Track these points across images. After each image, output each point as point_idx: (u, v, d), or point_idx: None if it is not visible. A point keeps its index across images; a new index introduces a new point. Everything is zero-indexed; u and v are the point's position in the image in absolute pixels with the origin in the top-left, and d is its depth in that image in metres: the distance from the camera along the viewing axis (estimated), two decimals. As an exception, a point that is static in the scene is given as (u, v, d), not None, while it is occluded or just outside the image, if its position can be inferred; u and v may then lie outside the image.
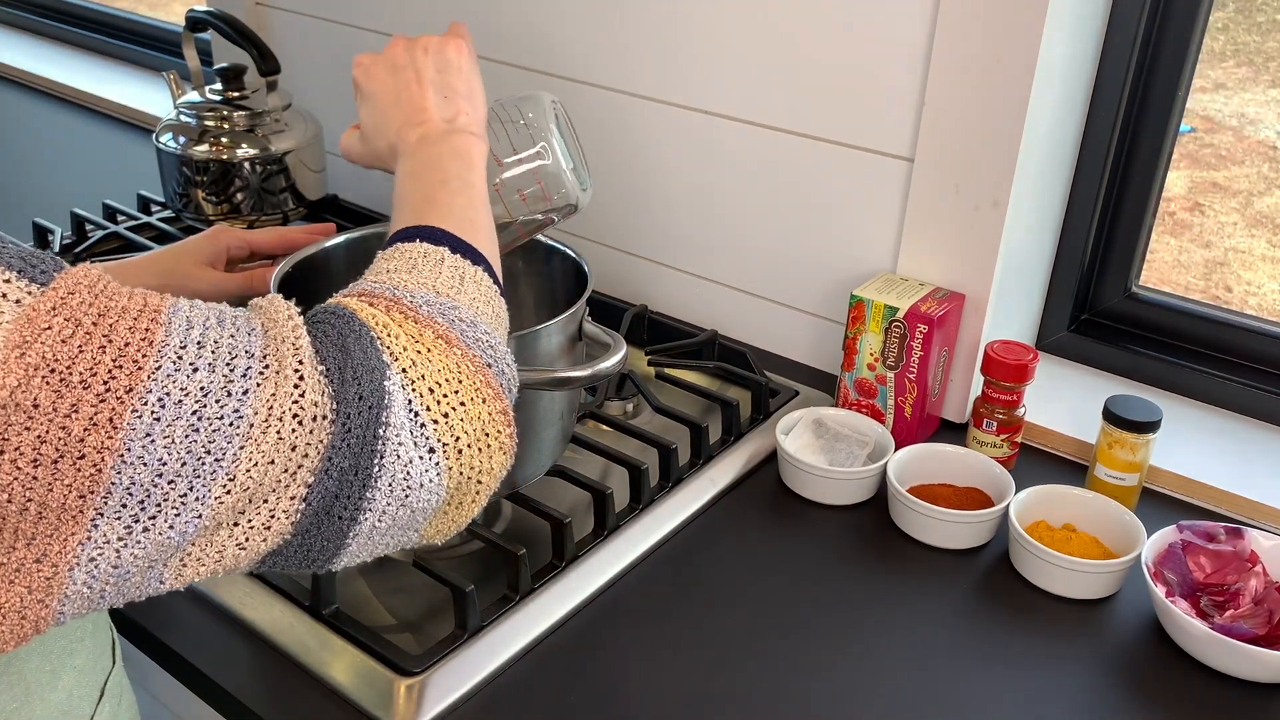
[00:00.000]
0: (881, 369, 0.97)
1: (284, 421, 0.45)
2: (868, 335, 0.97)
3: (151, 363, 0.43)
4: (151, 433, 0.42)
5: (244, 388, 0.44)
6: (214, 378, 0.44)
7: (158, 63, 1.98)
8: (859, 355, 0.98)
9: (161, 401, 0.42)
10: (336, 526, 0.48)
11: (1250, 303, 2.74)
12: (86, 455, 0.41)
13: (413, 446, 0.49)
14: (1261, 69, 3.68)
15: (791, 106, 1.04)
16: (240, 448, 0.44)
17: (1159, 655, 0.78)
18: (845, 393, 1.01)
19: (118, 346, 0.42)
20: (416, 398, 0.49)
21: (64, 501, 0.41)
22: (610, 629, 0.78)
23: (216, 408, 0.44)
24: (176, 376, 0.43)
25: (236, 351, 0.45)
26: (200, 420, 0.43)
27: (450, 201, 0.62)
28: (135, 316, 0.43)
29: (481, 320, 0.55)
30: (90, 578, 0.43)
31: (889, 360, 0.96)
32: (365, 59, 0.73)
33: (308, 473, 0.46)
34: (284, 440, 0.45)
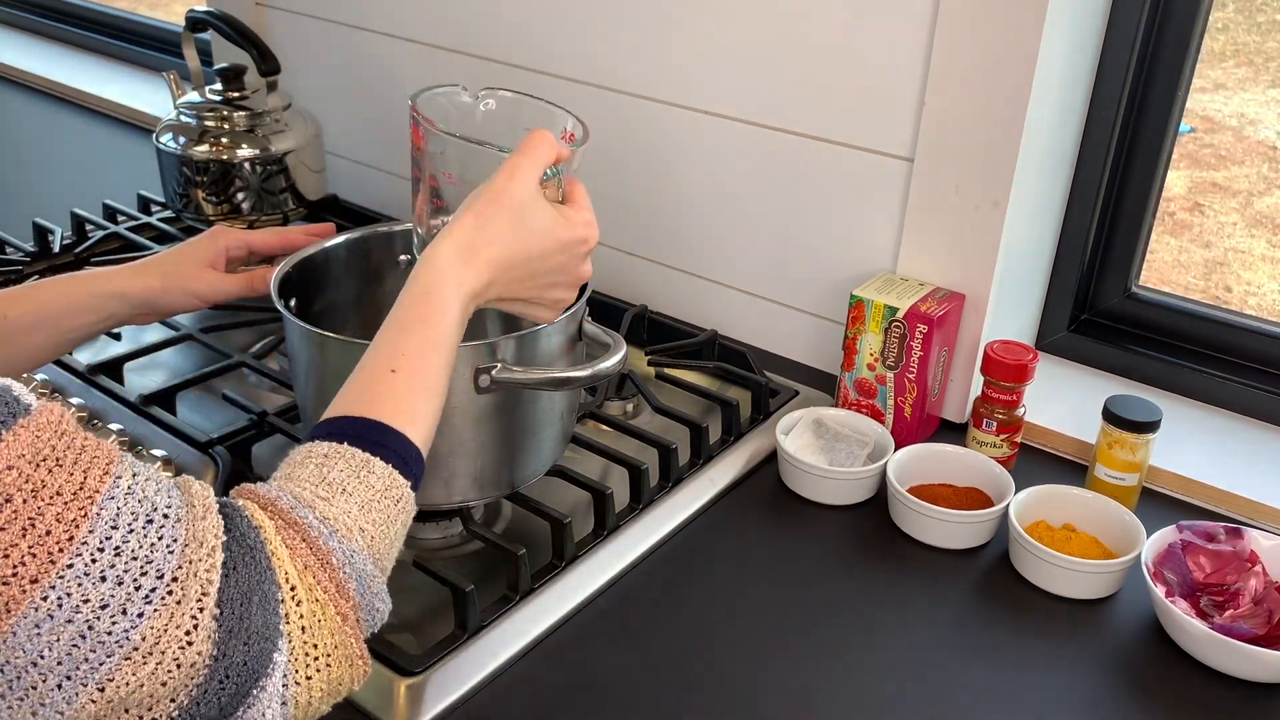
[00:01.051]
0: (881, 369, 0.97)
1: (165, 657, 0.45)
2: (868, 335, 0.97)
3: (65, 560, 0.43)
4: (40, 627, 0.42)
5: (140, 610, 0.44)
6: (117, 592, 0.44)
7: (158, 63, 1.98)
8: (859, 355, 0.98)
9: (60, 601, 0.43)
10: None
11: (1250, 303, 2.74)
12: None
13: (277, 707, 0.50)
14: (1261, 69, 3.67)
15: (791, 106, 1.04)
16: (117, 667, 0.44)
17: (1159, 655, 0.78)
18: (845, 393, 1.01)
19: (39, 533, 0.42)
20: (294, 663, 0.50)
21: None
22: (610, 629, 0.78)
23: (109, 623, 0.44)
24: (83, 581, 0.43)
25: (148, 569, 0.45)
26: (90, 630, 0.43)
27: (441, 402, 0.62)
28: (67, 501, 0.43)
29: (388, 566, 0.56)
30: None
31: (889, 360, 0.96)
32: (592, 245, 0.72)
33: (174, 706, 0.46)
34: (157, 675, 0.45)
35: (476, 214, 0.66)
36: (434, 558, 0.84)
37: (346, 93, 1.43)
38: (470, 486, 0.80)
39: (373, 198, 1.46)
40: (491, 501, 0.89)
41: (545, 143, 0.68)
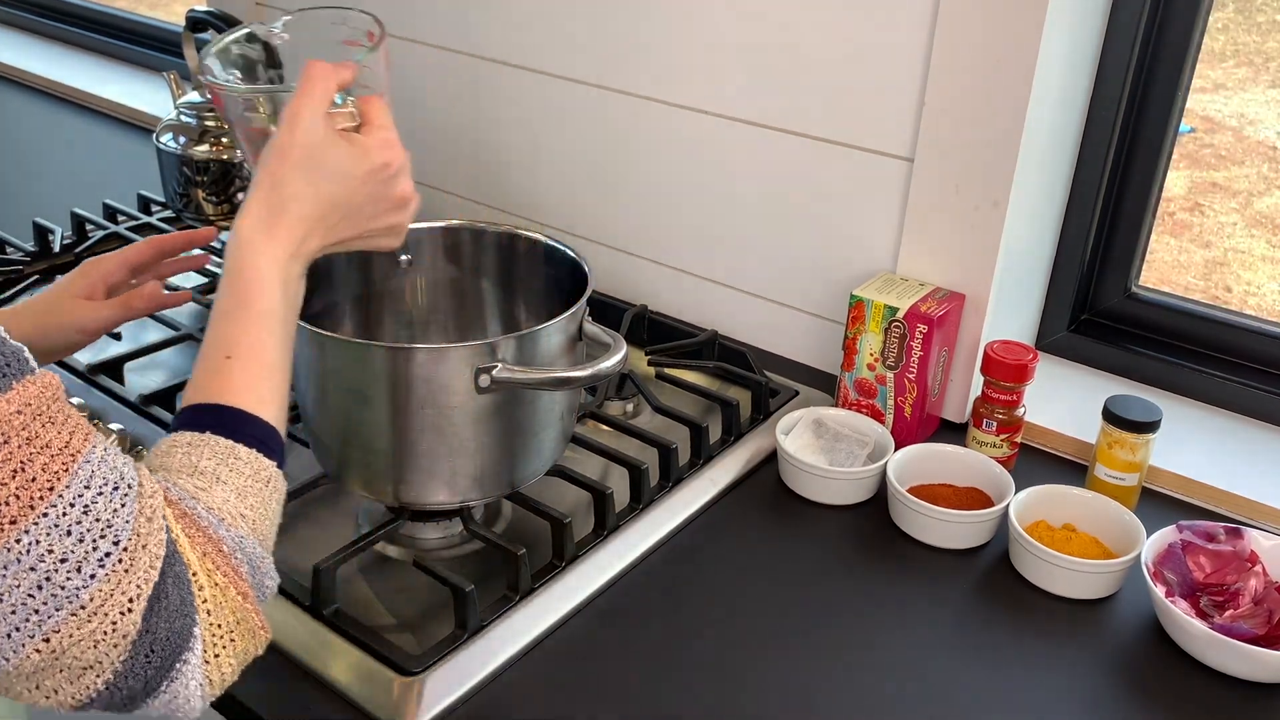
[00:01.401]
0: (881, 369, 0.97)
1: (105, 620, 0.48)
2: (868, 335, 0.97)
3: (42, 508, 0.45)
4: (6, 569, 0.45)
5: (94, 571, 0.47)
6: (78, 550, 0.47)
7: (158, 63, 1.98)
8: (859, 355, 0.98)
9: (28, 549, 0.45)
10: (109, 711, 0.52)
11: (1250, 303, 2.74)
12: None
13: (196, 683, 0.53)
14: (1261, 69, 3.67)
15: (791, 106, 1.04)
16: (64, 620, 0.47)
17: (1159, 655, 0.78)
18: (845, 393, 1.01)
19: (26, 478, 0.45)
20: (208, 640, 0.53)
21: None
22: (610, 629, 0.78)
23: (64, 577, 0.46)
24: (53, 532, 0.46)
25: (108, 533, 0.48)
26: (47, 581, 0.46)
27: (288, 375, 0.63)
28: (54, 455, 0.46)
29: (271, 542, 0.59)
30: None
31: (889, 360, 0.96)
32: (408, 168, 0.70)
33: (100, 680, 0.49)
34: (94, 636, 0.48)
35: (269, 175, 0.63)
36: (434, 558, 0.84)
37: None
38: (470, 486, 0.80)
39: (373, 198, 1.46)
40: (492, 501, 0.89)
41: (320, 76, 0.65)
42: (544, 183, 1.27)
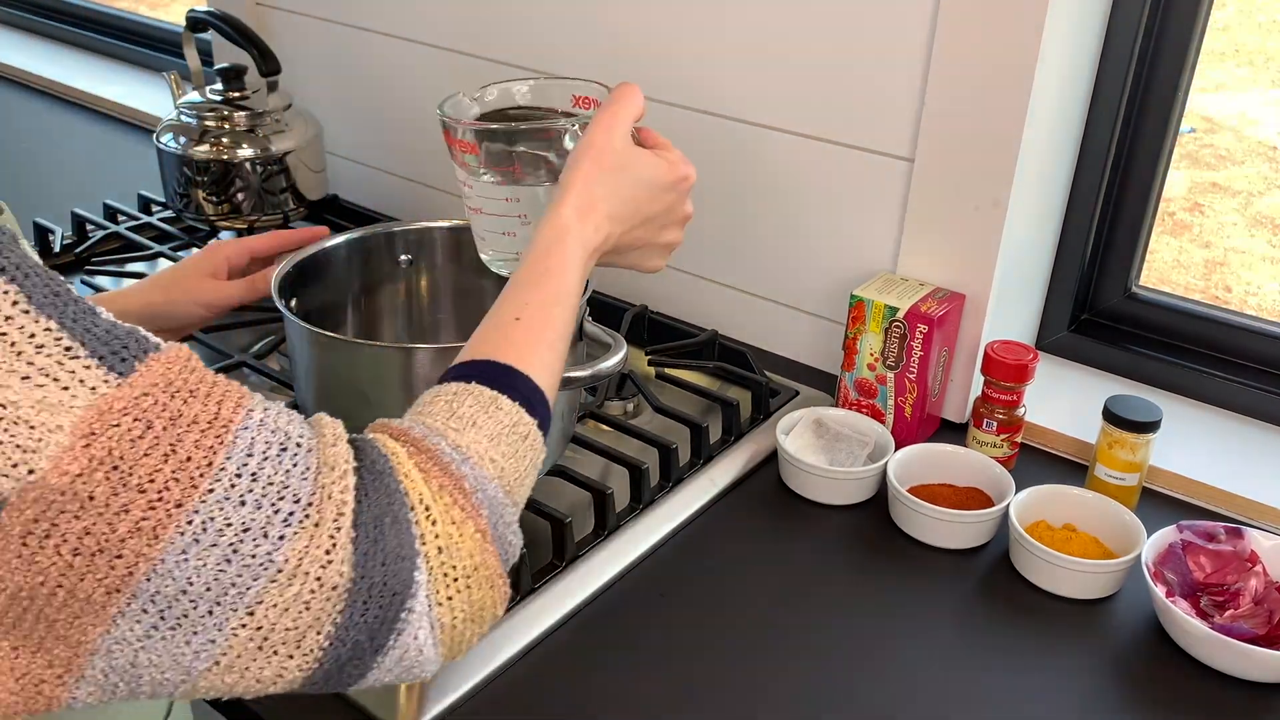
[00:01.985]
0: (881, 369, 0.97)
1: (308, 578, 0.46)
2: (868, 335, 0.97)
3: (206, 484, 0.43)
4: (187, 552, 0.43)
5: (281, 534, 0.45)
6: (258, 516, 0.45)
7: (158, 63, 1.98)
8: (859, 355, 0.98)
9: (204, 525, 0.43)
10: (340, 682, 0.50)
11: (1250, 303, 2.74)
12: (124, 556, 0.42)
13: (425, 630, 0.51)
14: (1262, 69, 3.67)
15: (791, 106, 1.04)
16: (264, 589, 0.45)
17: (1159, 655, 0.78)
18: (845, 393, 1.01)
19: (180, 458, 0.43)
20: (434, 584, 0.51)
21: (90, 594, 0.42)
22: (610, 629, 0.78)
23: (251, 546, 0.44)
24: (225, 505, 0.44)
25: (285, 494, 0.46)
26: (234, 553, 0.44)
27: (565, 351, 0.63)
28: (204, 429, 0.44)
29: (520, 500, 0.57)
30: (108, 667, 0.44)
31: (889, 360, 0.96)
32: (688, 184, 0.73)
33: (323, 637, 0.47)
34: (300, 597, 0.46)
35: (585, 173, 0.66)
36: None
37: (346, 93, 1.43)
38: (470, 486, 0.80)
39: (373, 198, 1.46)
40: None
41: (633, 94, 0.70)
42: (544, 183, 1.27)
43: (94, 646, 0.43)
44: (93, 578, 0.41)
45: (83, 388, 0.41)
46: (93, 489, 0.41)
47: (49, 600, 0.41)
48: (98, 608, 0.42)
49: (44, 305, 0.41)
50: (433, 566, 0.51)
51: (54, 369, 0.40)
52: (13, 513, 0.39)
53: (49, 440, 0.39)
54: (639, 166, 0.69)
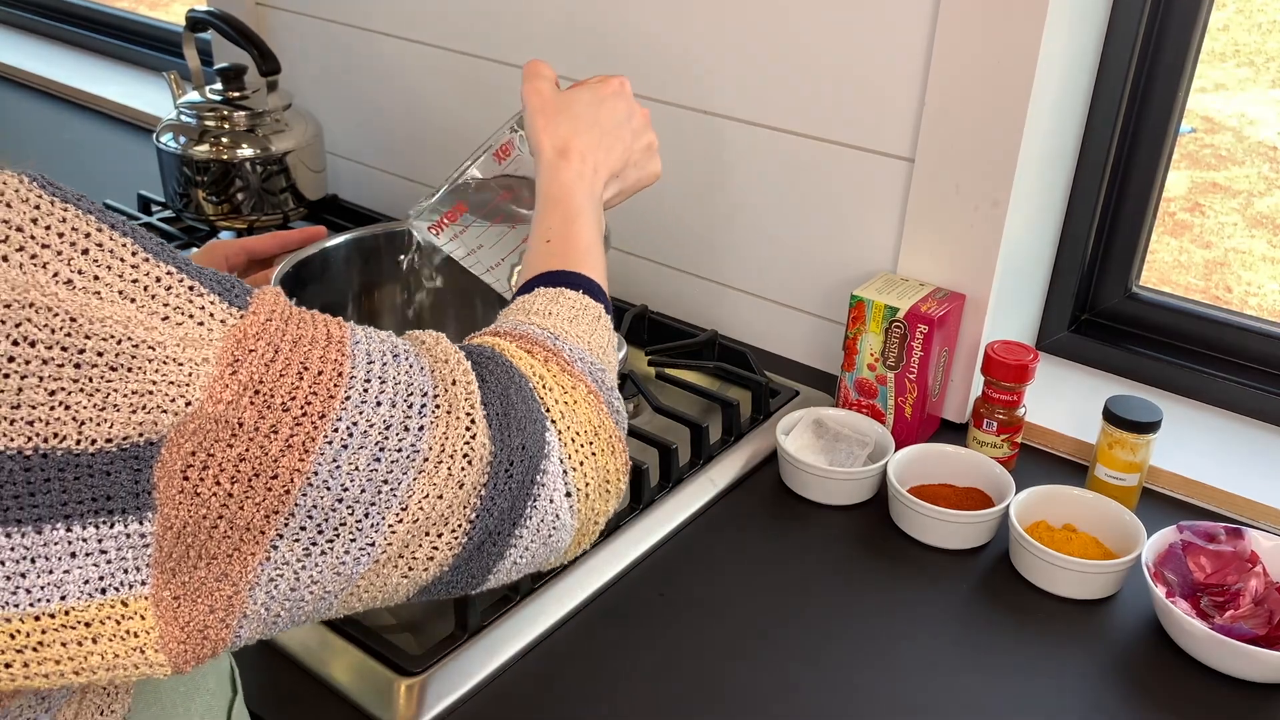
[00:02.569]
0: (881, 369, 0.97)
1: (454, 459, 0.48)
2: (868, 335, 0.97)
3: (343, 392, 0.45)
4: (338, 459, 0.44)
5: (420, 424, 0.47)
6: (394, 412, 0.46)
7: (158, 63, 1.98)
8: (859, 355, 0.98)
9: (350, 430, 0.44)
10: (485, 561, 0.52)
11: (1250, 303, 2.75)
12: (279, 475, 0.43)
13: (560, 492, 0.53)
14: (1262, 69, 3.68)
15: (792, 106, 1.04)
16: (414, 480, 0.46)
17: (1159, 655, 0.78)
18: (845, 393, 1.01)
19: (313, 374, 0.44)
20: (564, 447, 0.54)
21: (251, 520, 0.43)
22: (610, 629, 0.78)
23: (396, 440, 0.46)
24: (363, 408, 0.45)
25: (413, 389, 0.48)
26: (382, 451, 0.45)
27: (601, 263, 0.67)
28: (325, 346, 0.45)
29: (610, 368, 0.60)
30: (269, 598, 0.45)
31: (889, 360, 0.96)
32: (628, 87, 0.77)
33: (470, 510, 0.49)
34: (453, 477, 0.48)
35: (542, 126, 0.72)
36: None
37: (346, 93, 1.43)
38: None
39: (373, 198, 1.46)
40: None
41: (536, 64, 0.76)
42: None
43: (254, 578, 0.44)
44: (251, 502, 0.42)
45: (214, 320, 0.42)
46: (241, 414, 0.42)
47: (210, 533, 0.42)
48: (257, 533, 0.43)
49: (158, 253, 0.42)
50: (561, 430, 0.54)
51: (186, 307, 0.41)
52: (172, 448, 0.40)
53: (198, 372, 0.40)
54: (578, 97, 0.74)
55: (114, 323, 0.39)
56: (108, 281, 0.39)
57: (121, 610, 0.41)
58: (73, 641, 0.40)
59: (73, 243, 0.39)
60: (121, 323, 0.39)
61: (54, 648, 0.39)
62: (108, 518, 0.39)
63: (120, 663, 0.41)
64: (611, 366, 0.60)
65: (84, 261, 0.39)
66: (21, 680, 0.39)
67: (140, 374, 0.39)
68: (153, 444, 0.40)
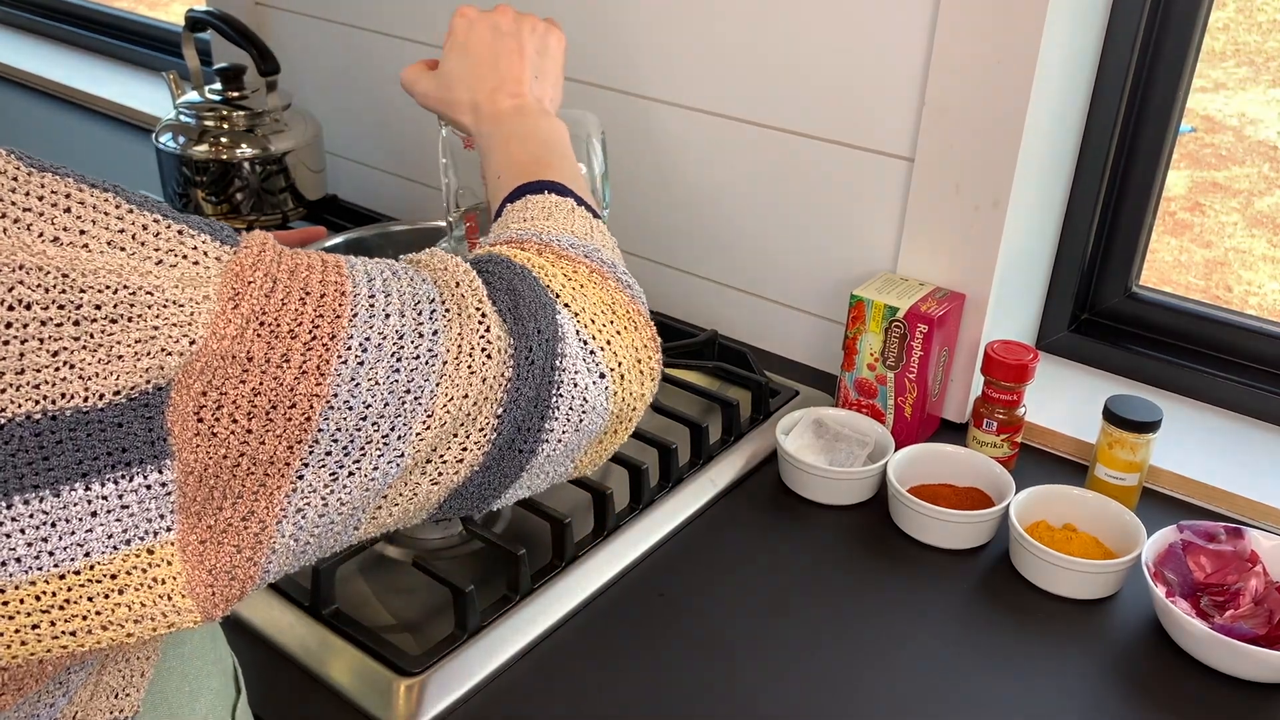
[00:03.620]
0: (881, 369, 0.97)
1: (474, 356, 0.47)
2: (868, 335, 0.97)
3: (349, 310, 0.44)
4: (356, 377, 0.43)
5: (433, 328, 0.46)
6: (405, 321, 0.45)
7: (158, 63, 1.98)
8: (859, 355, 0.98)
9: (363, 346, 0.44)
10: (517, 459, 0.51)
11: (1250, 303, 2.75)
12: (297, 404, 0.42)
13: (585, 374, 0.52)
14: (1261, 69, 3.68)
15: (792, 106, 1.04)
16: (436, 384, 0.46)
17: (1159, 655, 0.78)
18: (845, 393, 1.01)
19: (316, 297, 0.43)
20: (583, 328, 0.53)
21: (273, 453, 0.42)
22: (610, 629, 0.78)
23: (412, 348, 0.45)
24: (373, 322, 0.44)
25: (419, 297, 0.47)
26: (399, 361, 0.45)
27: (560, 166, 0.66)
28: (323, 270, 0.45)
29: (617, 261, 0.59)
30: (297, 529, 0.43)
31: (889, 360, 0.96)
32: (470, 11, 0.76)
33: (496, 404, 0.48)
34: (475, 374, 0.47)
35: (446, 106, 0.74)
36: (434, 558, 0.84)
37: (346, 93, 1.43)
38: (470, 486, 0.80)
39: (373, 198, 1.46)
40: (491, 501, 0.89)
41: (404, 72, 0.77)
42: (544, 183, 1.27)
43: (281, 511, 0.43)
44: (273, 435, 0.41)
45: (209, 259, 0.41)
46: (249, 347, 0.41)
47: (234, 473, 0.41)
48: (282, 465, 0.42)
49: (142, 204, 0.41)
50: (575, 311, 0.53)
51: (179, 248, 0.41)
52: (181, 390, 0.39)
53: (200, 310, 0.40)
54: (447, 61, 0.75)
55: (107, 272, 0.38)
56: (94, 234, 0.39)
57: (148, 559, 0.40)
58: (99, 595, 0.39)
59: (54, 203, 0.38)
60: (115, 271, 0.38)
61: (80, 604, 0.39)
62: (125, 470, 0.39)
63: (148, 612, 0.40)
64: (607, 246, 0.59)
65: (68, 219, 0.38)
66: (49, 640, 0.39)
67: (141, 320, 0.38)
68: (161, 389, 0.39)
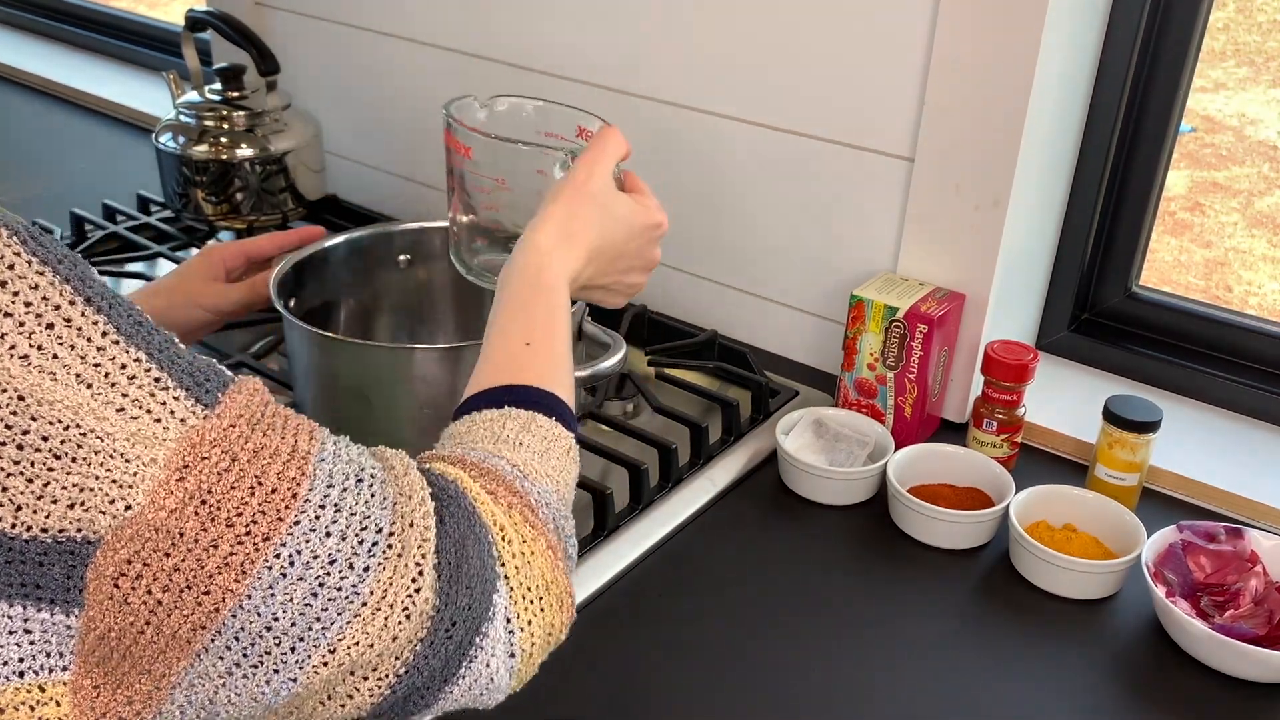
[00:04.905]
0: (881, 369, 0.97)
1: (394, 610, 0.45)
2: (868, 335, 0.97)
3: (292, 516, 0.43)
4: (274, 587, 0.42)
5: (366, 564, 0.44)
6: (343, 547, 0.44)
7: (158, 63, 1.98)
8: (859, 355, 0.98)
9: (291, 560, 0.42)
10: (408, 710, 0.49)
11: (1250, 303, 2.75)
12: (211, 592, 0.41)
13: (500, 654, 0.50)
14: (1261, 69, 3.68)
15: (791, 106, 1.04)
16: (347, 623, 0.44)
17: (1159, 655, 0.77)
18: (845, 393, 1.01)
19: (266, 491, 0.42)
20: (512, 605, 0.51)
21: (177, 630, 0.41)
22: (610, 629, 0.78)
23: (337, 578, 0.44)
24: (310, 537, 0.43)
25: (368, 524, 0.45)
26: (321, 587, 0.43)
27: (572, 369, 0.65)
28: (285, 461, 0.43)
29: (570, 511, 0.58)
30: (187, 703, 0.43)
31: (889, 360, 0.96)
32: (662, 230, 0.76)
33: (400, 664, 0.46)
34: (388, 629, 0.45)
35: (566, 204, 0.69)
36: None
37: (346, 93, 1.43)
38: (470, 487, 0.80)
39: (373, 198, 1.46)
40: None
41: (616, 138, 0.73)
42: (544, 183, 1.27)
43: (176, 680, 0.43)
44: (180, 614, 0.41)
45: (174, 419, 0.40)
46: (183, 524, 0.40)
47: (136, 639, 0.41)
48: (183, 643, 0.42)
49: (131, 335, 0.40)
50: (513, 587, 0.51)
51: (146, 400, 0.40)
52: (107, 552, 0.39)
53: (144, 474, 0.39)
54: (616, 207, 0.71)
55: (64, 407, 0.37)
56: (66, 362, 0.38)
57: (38, 695, 0.40)
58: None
59: (39, 314, 0.37)
60: (73, 408, 0.37)
61: None
62: (37, 605, 0.39)
63: None
64: (570, 506, 0.59)
65: (45, 336, 0.37)
66: None
67: (84, 465, 0.38)
68: (90, 543, 0.38)
